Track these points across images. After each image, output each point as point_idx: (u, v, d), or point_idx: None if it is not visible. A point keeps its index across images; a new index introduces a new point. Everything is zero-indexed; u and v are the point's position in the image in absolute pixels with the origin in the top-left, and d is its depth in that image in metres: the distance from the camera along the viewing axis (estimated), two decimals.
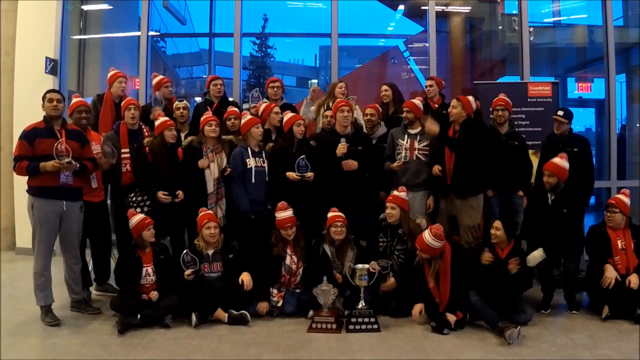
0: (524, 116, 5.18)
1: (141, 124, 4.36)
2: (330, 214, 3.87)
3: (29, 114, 4.21)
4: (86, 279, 4.06)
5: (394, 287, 3.76)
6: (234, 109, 4.55)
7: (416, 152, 4.23)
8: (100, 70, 6.90)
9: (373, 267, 3.67)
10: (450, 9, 7.45)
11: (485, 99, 4.85)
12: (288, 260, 3.86)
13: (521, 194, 4.44)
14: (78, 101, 4.04)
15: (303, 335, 3.42)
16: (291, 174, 4.05)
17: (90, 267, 4.33)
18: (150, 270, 3.67)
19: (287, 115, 4.26)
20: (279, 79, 4.96)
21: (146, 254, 3.71)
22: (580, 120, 8.48)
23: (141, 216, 3.76)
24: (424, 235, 3.50)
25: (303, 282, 3.88)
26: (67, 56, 5.99)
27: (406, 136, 4.27)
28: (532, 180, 4.48)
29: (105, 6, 6.95)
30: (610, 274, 3.71)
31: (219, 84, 4.86)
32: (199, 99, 5.23)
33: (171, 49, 9.30)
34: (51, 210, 3.52)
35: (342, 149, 4.10)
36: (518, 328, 3.25)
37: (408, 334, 3.45)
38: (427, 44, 6.15)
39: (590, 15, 7.34)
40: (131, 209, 3.89)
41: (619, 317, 3.66)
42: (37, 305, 3.59)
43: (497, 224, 3.74)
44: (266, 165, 4.14)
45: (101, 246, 4.23)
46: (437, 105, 4.84)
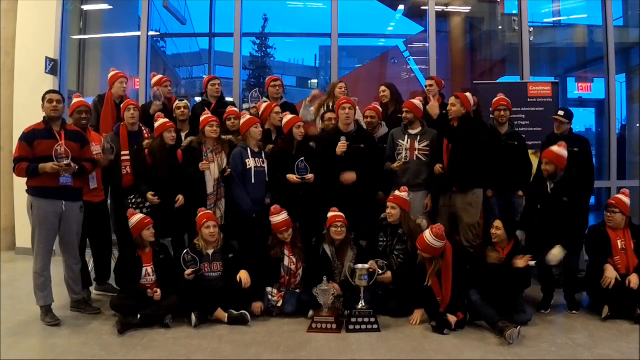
0: (524, 116, 5.17)
1: (141, 125, 4.36)
2: (330, 214, 3.87)
3: (29, 114, 4.22)
4: (86, 279, 4.06)
5: (390, 280, 3.75)
6: (234, 109, 4.55)
7: (416, 152, 4.23)
8: (100, 71, 6.90)
9: (372, 266, 3.67)
10: (450, 9, 7.43)
11: (485, 99, 4.83)
12: (287, 262, 3.86)
13: (521, 194, 4.43)
14: (78, 101, 4.03)
15: (303, 335, 3.42)
16: (292, 177, 4.05)
17: (91, 267, 4.33)
18: (150, 270, 3.68)
19: (287, 117, 4.26)
20: (279, 78, 4.95)
21: (146, 253, 3.71)
22: (580, 120, 8.45)
23: (141, 216, 3.76)
24: (425, 235, 3.50)
25: (303, 282, 3.87)
26: (67, 56, 5.99)
27: (406, 136, 4.27)
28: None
29: (105, 6, 6.94)
30: (610, 274, 3.71)
31: (217, 84, 4.86)
32: (199, 99, 5.23)
33: (171, 49, 9.30)
34: (50, 211, 3.51)
35: (342, 147, 4.09)
36: (518, 328, 3.25)
37: (408, 334, 3.45)
38: (427, 44, 6.15)
39: (590, 15, 7.33)
40: (131, 209, 3.90)
41: (619, 317, 3.66)
42: (37, 305, 3.59)
43: (498, 223, 3.74)
44: (266, 165, 4.14)
45: (101, 246, 4.22)
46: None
